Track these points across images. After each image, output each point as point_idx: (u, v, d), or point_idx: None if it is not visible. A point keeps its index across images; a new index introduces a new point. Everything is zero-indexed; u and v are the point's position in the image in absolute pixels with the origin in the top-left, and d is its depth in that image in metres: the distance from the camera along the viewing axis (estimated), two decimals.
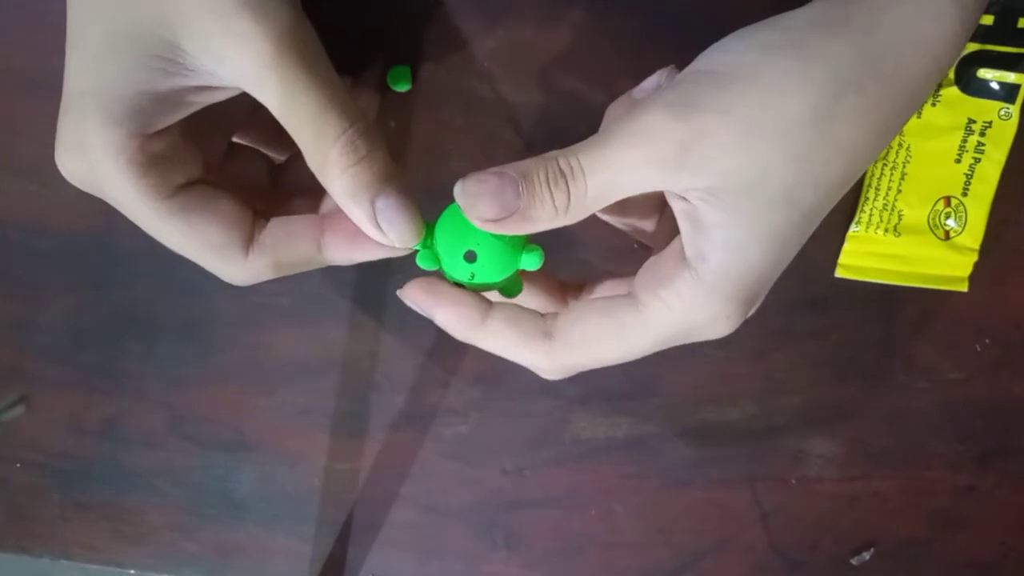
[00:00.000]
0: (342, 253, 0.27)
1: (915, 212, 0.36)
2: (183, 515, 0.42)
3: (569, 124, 0.36)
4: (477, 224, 0.24)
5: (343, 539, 0.42)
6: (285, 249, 0.27)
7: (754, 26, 0.24)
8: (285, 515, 0.41)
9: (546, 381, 0.39)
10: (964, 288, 0.37)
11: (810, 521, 0.41)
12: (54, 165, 0.32)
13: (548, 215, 0.24)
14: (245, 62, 0.23)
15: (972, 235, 0.36)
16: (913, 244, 0.36)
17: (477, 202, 0.23)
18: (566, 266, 0.38)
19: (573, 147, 0.24)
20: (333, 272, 0.38)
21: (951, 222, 0.36)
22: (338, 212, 0.26)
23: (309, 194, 0.29)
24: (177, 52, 0.23)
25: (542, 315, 0.26)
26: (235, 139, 0.30)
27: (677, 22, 0.35)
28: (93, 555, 0.42)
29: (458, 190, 0.24)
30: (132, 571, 0.43)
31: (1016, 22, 0.34)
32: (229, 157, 0.30)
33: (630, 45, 0.35)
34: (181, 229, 0.25)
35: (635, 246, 0.37)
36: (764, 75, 0.22)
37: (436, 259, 0.27)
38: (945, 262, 0.37)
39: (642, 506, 0.41)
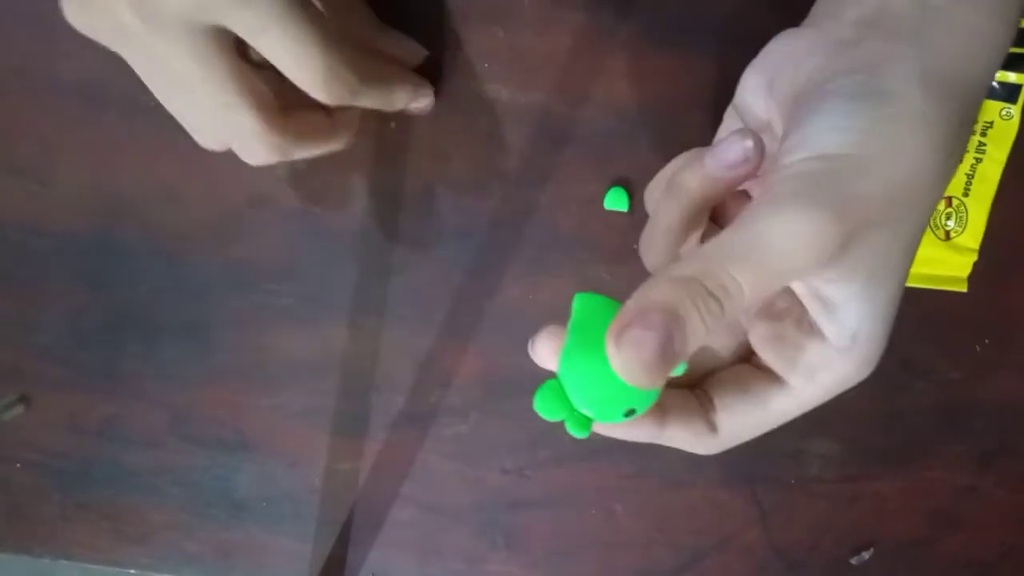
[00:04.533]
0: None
1: None
2: (183, 515, 0.42)
3: (569, 125, 0.36)
4: (635, 385, 0.21)
5: (343, 539, 0.42)
6: (305, 121, 0.30)
7: (839, 86, 0.24)
8: (285, 515, 0.41)
9: (546, 381, 0.39)
10: (964, 288, 0.37)
11: (810, 521, 0.41)
12: (54, 165, 0.32)
13: (701, 343, 0.21)
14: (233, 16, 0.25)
15: (972, 235, 0.36)
16: None
17: (641, 372, 0.20)
18: (568, 266, 0.38)
19: (711, 256, 0.21)
20: (333, 272, 0.38)
21: (951, 222, 0.36)
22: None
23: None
24: None
25: (699, 403, 0.27)
26: None
27: (675, 25, 0.35)
28: (93, 555, 0.42)
29: (615, 357, 0.21)
30: (132, 571, 0.43)
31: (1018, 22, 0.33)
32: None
33: (629, 47, 0.35)
34: (237, 75, 0.27)
35: (635, 247, 0.37)
36: (903, 153, 0.22)
37: (585, 421, 0.24)
38: (945, 262, 0.37)
39: (642, 506, 0.41)
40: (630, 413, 0.23)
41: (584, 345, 0.23)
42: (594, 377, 0.23)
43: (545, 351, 0.24)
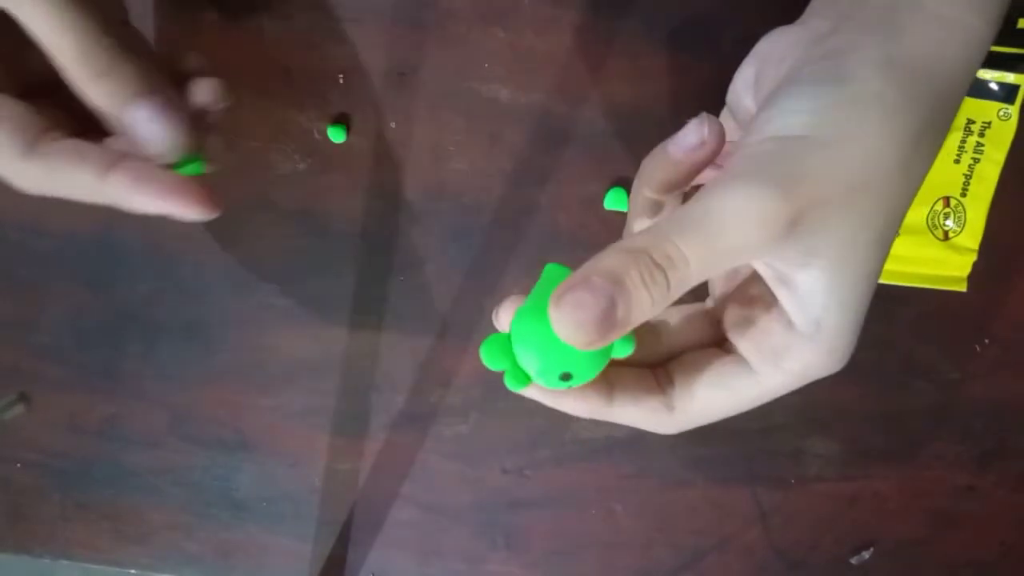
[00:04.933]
0: (123, 188, 0.27)
1: (914, 212, 0.36)
2: (183, 515, 0.42)
3: (568, 125, 0.36)
4: (573, 345, 0.22)
5: (343, 539, 0.41)
6: (63, 160, 0.27)
7: (803, 72, 0.24)
8: (285, 515, 0.41)
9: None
10: (963, 288, 0.37)
11: (810, 521, 0.41)
12: None
13: (646, 314, 0.22)
14: None
15: (971, 235, 0.36)
16: (912, 244, 0.36)
17: (579, 332, 0.21)
18: (567, 266, 0.38)
19: (661, 229, 0.22)
20: (333, 273, 0.38)
21: (950, 222, 0.36)
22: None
23: None
24: None
25: (656, 381, 0.27)
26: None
27: (675, 25, 0.35)
28: (93, 555, 0.42)
29: (554, 317, 0.21)
30: (132, 571, 0.43)
31: (1016, 23, 0.34)
32: (61, 85, 0.29)
33: (627, 47, 0.35)
34: None
35: None
36: (858, 136, 0.22)
37: (524, 377, 0.24)
38: (944, 262, 0.37)
39: (642, 506, 0.41)
40: (566, 377, 0.24)
41: (536, 307, 0.24)
42: (537, 335, 0.23)
43: (504, 314, 0.25)
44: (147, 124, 0.27)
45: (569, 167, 0.36)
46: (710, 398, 0.26)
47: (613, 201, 0.36)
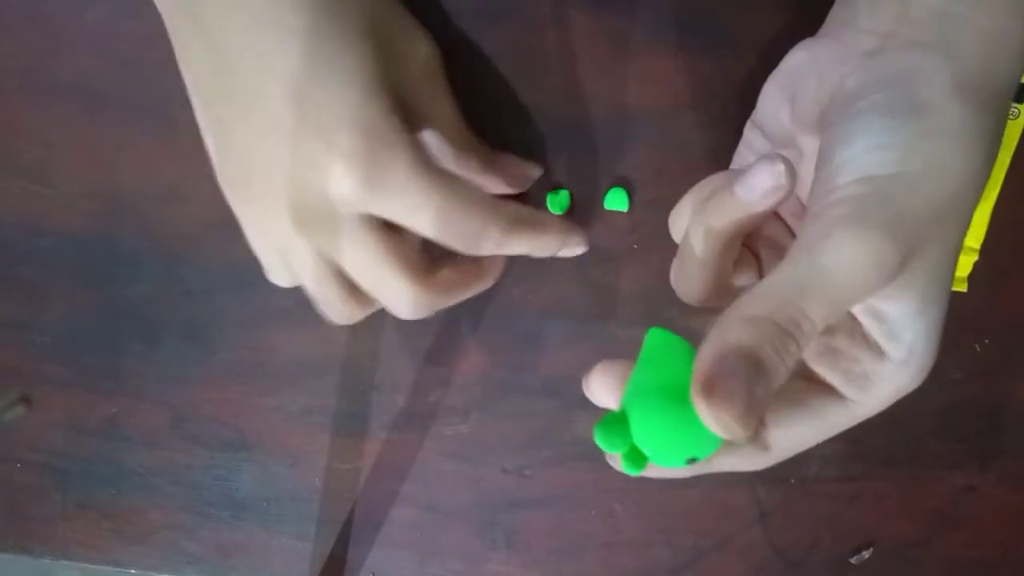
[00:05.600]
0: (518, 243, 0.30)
1: None
2: (184, 515, 0.42)
3: (570, 125, 0.36)
4: (725, 436, 0.21)
5: (343, 538, 0.42)
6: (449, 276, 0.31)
7: (873, 101, 0.23)
8: (286, 515, 0.41)
9: (547, 381, 0.39)
10: (963, 288, 0.37)
11: (810, 521, 0.41)
12: (54, 165, 0.32)
13: (782, 382, 0.21)
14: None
15: (973, 235, 0.36)
16: None
17: (732, 424, 0.20)
18: (568, 266, 0.38)
19: (780, 292, 0.21)
20: None
21: None
22: None
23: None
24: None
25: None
26: None
27: (675, 25, 0.35)
28: (93, 555, 0.42)
29: (705, 411, 0.20)
30: (132, 571, 0.43)
31: None
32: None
33: (631, 46, 0.35)
34: (385, 240, 0.28)
35: (635, 247, 0.37)
36: (947, 167, 0.22)
37: (642, 459, 0.23)
38: None
39: (642, 506, 0.41)
40: (691, 461, 0.23)
41: (655, 383, 0.22)
42: (663, 419, 0.22)
43: (602, 386, 0.24)
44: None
45: (569, 167, 0.36)
46: (805, 433, 0.26)
47: (613, 201, 0.36)
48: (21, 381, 0.40)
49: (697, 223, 0.26)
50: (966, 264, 0.37)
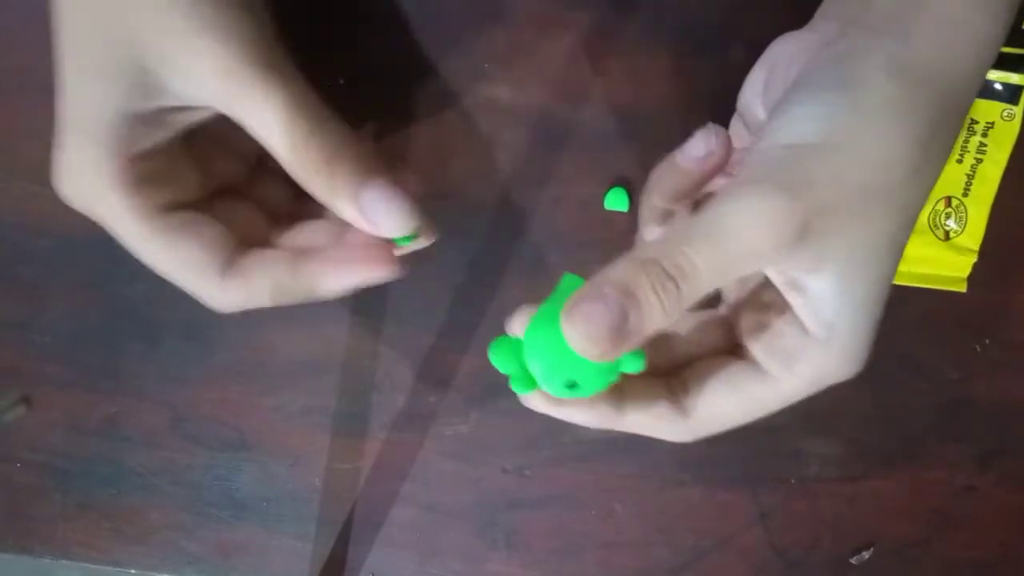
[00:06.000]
0: (327, 278, 0.27)
1: None
2: (184, 515, 0.42)
3: (568, 125, 0.36)
4: (585, 356, 0.22)
5: (343, 538, 0.42)
6: (257, 273, 0.27)
7: (812, 78, 0.24)
8: (286, 515, 0.41)
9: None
10: (962, 289, 0.37)
11: (809, 521, 0.41)
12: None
13: (657, 325, 0.22)
14: (206, 77, 0.24)
15: (972, 236, 0.36)
16: (913, 244, 0.36)
17: (589, 342, 0.21)
18: (568, 266, 0.37)
19: (672, 238, 0.22)
20: None
21: (951, 222, 0.36)
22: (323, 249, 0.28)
23: (328, 219, 0.30)
24: (149, 75, 0.24)
25: (669, 388, 0.27)
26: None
27: (675, 25, 0.35)
28: (93, 555, 0.42)
29: (566, 327, 0.21)
30: (132, 571, 0.43)
31: (1020, 23, 0.33)
32: (252, 180, 0.31)
33: (629, 47, 0.35)
34: (162, 248, 0.27)
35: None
36: (868, 141, 0.22)
37: (530, 381, 0.25)
38: (945, 262, 0.37)
39: (642, 506, 0.41)
40: (572, 386, 0.24)
41: (549, 314, 0.24)
42: (548, 342, 0.24)
43: (518, 320, 0.26)
44: (378, 205, 0.26)
45: (569, 167, 0.36)
46: (724, 403, 0.26)
47: (613, 201, 0.36)
48: (21, 381, 0.40)
49: (648, 192, 0.28)
50: (965, 264, 0.37)
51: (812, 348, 0.24)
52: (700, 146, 0.26)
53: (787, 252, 0.22)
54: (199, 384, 0.40)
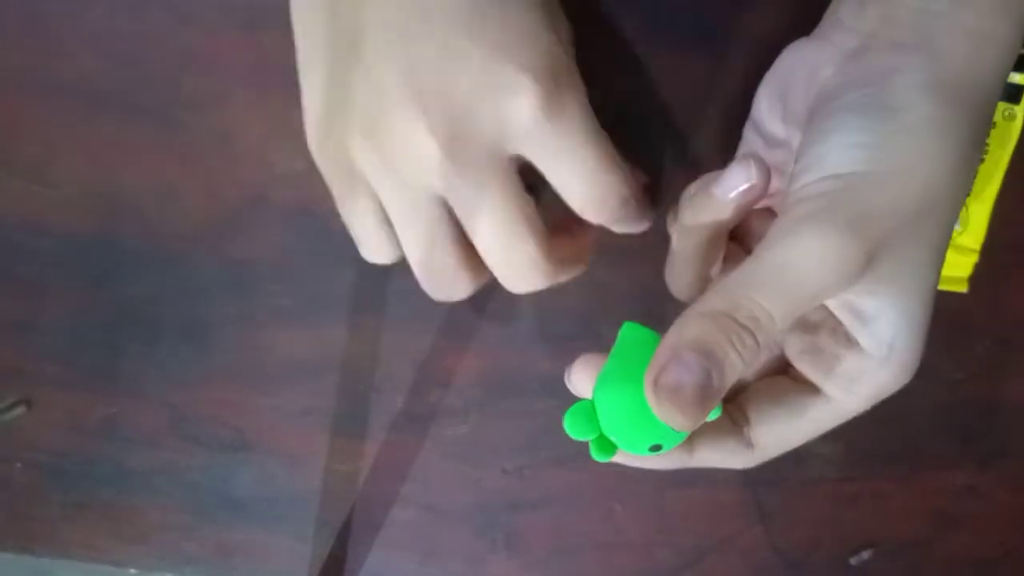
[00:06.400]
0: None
1: None
2: (183, 515, 0.42)
3: None
4: (674, 427, 0.21)
5: (343, 539, 0.42)
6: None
7: (848, 100, 0.24)
8: (285, 515, 0.41)
9: (546, 380, 0.39)
10: (964, 289, 0.37)
11: (810, 521, 0.41)
12: (54, 165, 0.32)
13: (736, 377, 0.22)
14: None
15: (973, 236, 0.36)
16: None
17: (680, 414, 0.21)
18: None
19: (739, 287, 0.22)
20: (333, 272, 0.38)
21: None
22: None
23: None
24: None
25: (732, 420, 0.27)
26: None
27: (675, 25, 0.35)
28: (93, 555, 0.42)
29: (654, 401, 0.21)
30: (132, 571, 0.43)
31: None
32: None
33: (629, 45, 0.35)
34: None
35: (635, 247, 0.37)
36: (918, 165, 0.22)
37: (610, 447, 0.24)
38: (946, 262, 0.36)
39: (642, 506, 0.41)
40: (656, 448, 0.24)
41: (622, 374, 0.23)
42: (627, 407, 0.23)
43: (580, 377, 0.25)
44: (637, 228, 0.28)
45: None
46: (786, 429, 0.26)
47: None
48: (21, 381, 0.40)
49: (682, 223, 0.27)
50: (966, 264, 0.36)
51: (873, 369, 0.24)
52: (739, 178, 0.25)
53: (849, 286, 0.22)
54: (199, 384, 0.40)
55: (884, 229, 0.22)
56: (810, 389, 0.26)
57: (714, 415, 0.25)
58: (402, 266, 0.38)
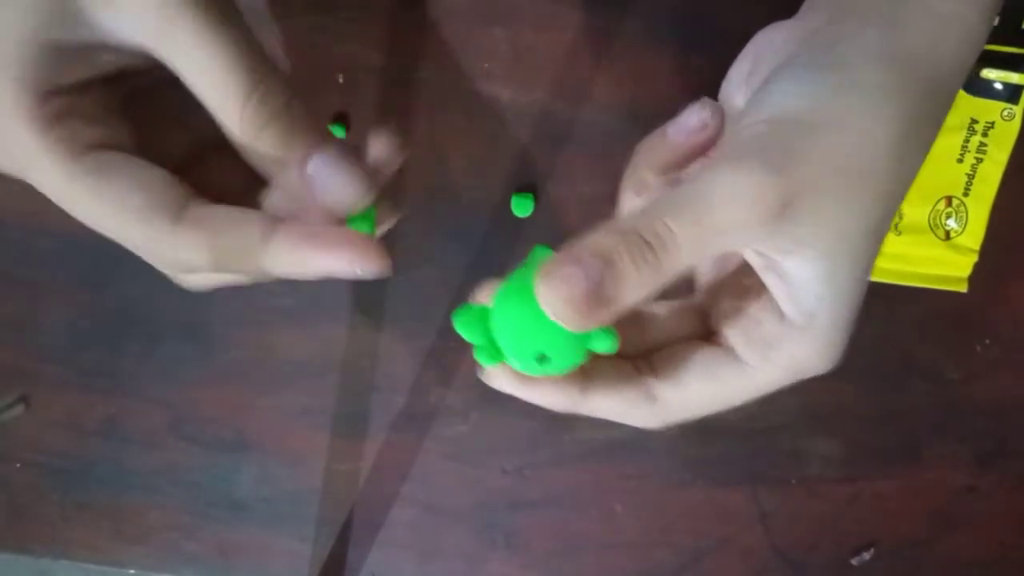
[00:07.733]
0: (289, 246, 0.23)
1: (916, 212, 0.36)
2: (183, 515, 0.42)
3: (569, 124, 0.36)
4: (559, 322, 0.21)
5: (343, 539, 0.42)
6: (224, 230, 0.23)
7: (799, 59, 0.24)
8: (286, 515, 0.41)
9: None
10: (963, 288, 0.37)
11: (810, 521, 0.41)
12: None
13: (635, 296, 0.21)
14: (139, 14, 0.21)
15: (973, 236, 0.36)
16: (913, 244, 0.36)
17: (565, 306, 0.21)
18: None
19: (652, 209, 0.21)
20: None
21: (952, 222, 0.36)
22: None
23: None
24: (69, 2, 0.22)
25: (637, 371, 0.26)
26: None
27: (675, 25, 0.35)
28: (93, 555, 0.42)
29: (541, 291, 0.21)
30: (132, 571, 0.43)
31: (1020, 23, 0.33)
32: (199, 161, 0.26)
33: (629, 45, 0.35)
34: (93, 190, 0.23)
35: None
36: (852, 121, 0.22)
37: (497, 353, 0.24)
38: (945, 262, 0.37)
39: (642, 506, 0.41)
40: (542, 359, 0.23)
41: (519, 285, 0.23)
42: (518, 311, 0.23)
43: (485, 290, 0.25)
44: (326, 173, 0.23)
45: (569, 167, 0.36)
46: (695, 390, 0.25)
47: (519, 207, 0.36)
48: (21, 381, 0.40)
49: (634, 164, 0.28)
50: (966, 264, 0.37)
51: (791, 337, 0.24)
52: (693, 118, 0.25)
53: (767, 231, 0.22)
54: (198, 384, 0.40)
55: (806, 176, 0.21)
56: (727, 352, 0.25)
57: (606, 344, 0.24)
58: (402, 266, 0.38)
